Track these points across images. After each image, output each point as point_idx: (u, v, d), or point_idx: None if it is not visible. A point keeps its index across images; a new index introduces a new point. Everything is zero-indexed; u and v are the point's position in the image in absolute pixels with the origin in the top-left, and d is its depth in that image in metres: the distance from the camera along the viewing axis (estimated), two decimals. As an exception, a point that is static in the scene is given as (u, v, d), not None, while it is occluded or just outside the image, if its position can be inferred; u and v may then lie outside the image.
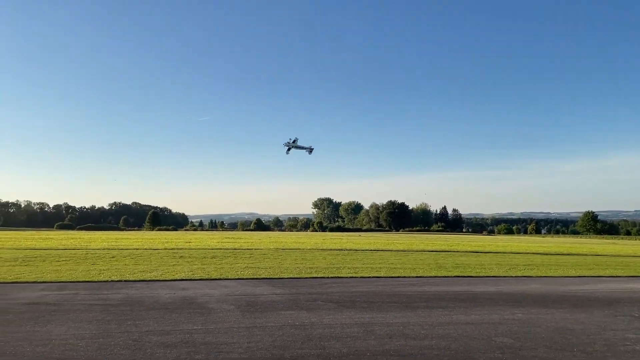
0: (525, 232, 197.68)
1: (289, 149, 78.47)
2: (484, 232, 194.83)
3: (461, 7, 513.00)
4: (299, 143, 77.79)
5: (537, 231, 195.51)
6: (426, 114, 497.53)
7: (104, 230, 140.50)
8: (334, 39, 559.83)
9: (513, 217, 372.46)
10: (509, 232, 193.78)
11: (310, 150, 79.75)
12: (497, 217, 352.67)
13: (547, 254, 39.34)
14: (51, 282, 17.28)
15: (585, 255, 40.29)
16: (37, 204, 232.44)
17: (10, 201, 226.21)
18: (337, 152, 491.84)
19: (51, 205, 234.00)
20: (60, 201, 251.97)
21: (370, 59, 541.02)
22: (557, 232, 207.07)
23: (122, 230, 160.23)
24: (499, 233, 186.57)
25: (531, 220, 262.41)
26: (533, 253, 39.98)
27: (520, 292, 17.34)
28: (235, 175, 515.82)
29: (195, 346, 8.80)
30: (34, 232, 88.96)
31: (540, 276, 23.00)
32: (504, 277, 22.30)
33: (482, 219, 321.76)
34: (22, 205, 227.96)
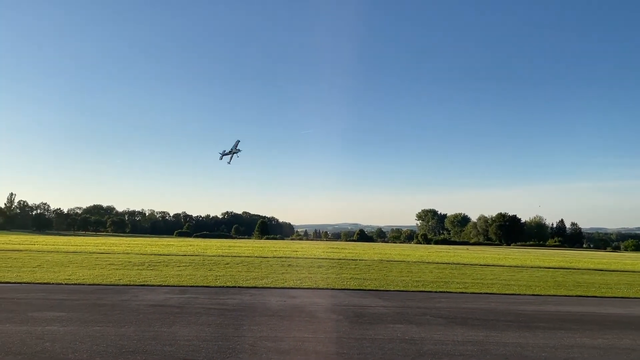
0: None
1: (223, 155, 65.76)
2: (608, 249, 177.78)
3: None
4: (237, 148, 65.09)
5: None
6: (538, 120, 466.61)
7: (217, 238, 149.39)
8: (455, 32, 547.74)
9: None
10: (638, 248, 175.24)
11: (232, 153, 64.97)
12: (623, 231, 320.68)
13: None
14: (174, 285, 18.68)
15: None
16: (159, 212, 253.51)
17: (137, 210, 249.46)
18: (442, 163, 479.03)
19: (171, 214, 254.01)
20: (179, 210, 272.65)
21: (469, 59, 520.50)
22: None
23: (234, 238, 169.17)
24: (626, 249, 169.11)
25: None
26: (669, 273, 35.70)
27: (656, 316, 15.59)
28: (338, 186, 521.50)
29: (307, 354, 9.00)
30: (156, 239, 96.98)
31: (680, 300, 20.48)
32: (635, 298, 20.21)
33: (606, 233, 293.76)
34: (147, 214, 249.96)
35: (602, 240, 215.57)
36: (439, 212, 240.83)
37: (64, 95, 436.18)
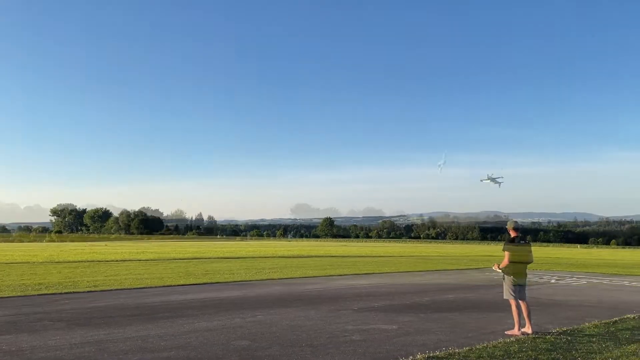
0: (274, 236, 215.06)
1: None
2: (238, 238, 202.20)
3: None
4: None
5: (284, 235, 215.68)
6: (179, 123, 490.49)
7: None
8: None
9: (264, 223, 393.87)
10: (259, 235, 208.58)
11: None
12: (250, 223, 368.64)
13: (291, 257, 42.81)
14: None
15: (322, 257, 45.14)
16: None
17: None
18: (76, 158, 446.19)
19: None
20: None
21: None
22: (301, 237, 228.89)
23: None
24: (251, 238, 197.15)
25: (281, 226, 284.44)
26: (279, 257, 43.02)
27: (263, 294, 18.33)
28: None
29: None
30: None
31: (283, 278, 24.75)
32: (251, 281, 23.31)
33: (237, 225, 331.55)
34: None
35: (234, 231, 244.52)
36: (77, 207, 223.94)
37: None
